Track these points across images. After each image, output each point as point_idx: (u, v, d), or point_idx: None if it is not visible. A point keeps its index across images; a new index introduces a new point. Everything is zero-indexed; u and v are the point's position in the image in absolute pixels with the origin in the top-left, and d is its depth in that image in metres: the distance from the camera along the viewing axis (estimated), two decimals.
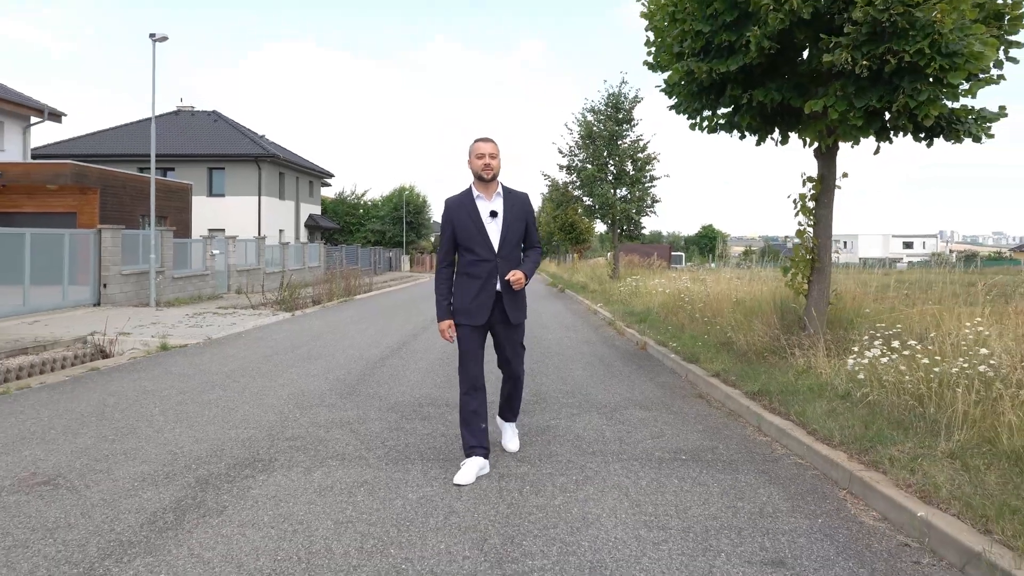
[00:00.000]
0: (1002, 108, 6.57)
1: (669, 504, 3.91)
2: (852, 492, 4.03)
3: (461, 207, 4.36)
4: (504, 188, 4.43)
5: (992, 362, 4.67)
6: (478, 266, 4.28)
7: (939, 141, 6.67)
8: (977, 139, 6.47)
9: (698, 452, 4.94)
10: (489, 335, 4.50)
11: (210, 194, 33.58)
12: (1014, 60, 6.46)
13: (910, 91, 5.80)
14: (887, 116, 6.43)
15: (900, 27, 5.62)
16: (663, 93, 8.45)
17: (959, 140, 6.51)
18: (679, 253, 60.84)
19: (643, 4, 8.06)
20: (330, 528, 3.56)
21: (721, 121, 8.02)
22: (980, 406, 4.30)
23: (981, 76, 6.09)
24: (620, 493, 4.08)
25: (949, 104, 6.25)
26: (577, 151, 24.83)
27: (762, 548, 3.33)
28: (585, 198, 25.23)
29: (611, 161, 23.97)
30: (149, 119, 36.48)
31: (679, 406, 6.45)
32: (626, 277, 20.79)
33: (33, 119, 24.19)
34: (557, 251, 53.50)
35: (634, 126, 23.99)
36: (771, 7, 6.16)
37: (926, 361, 4.90)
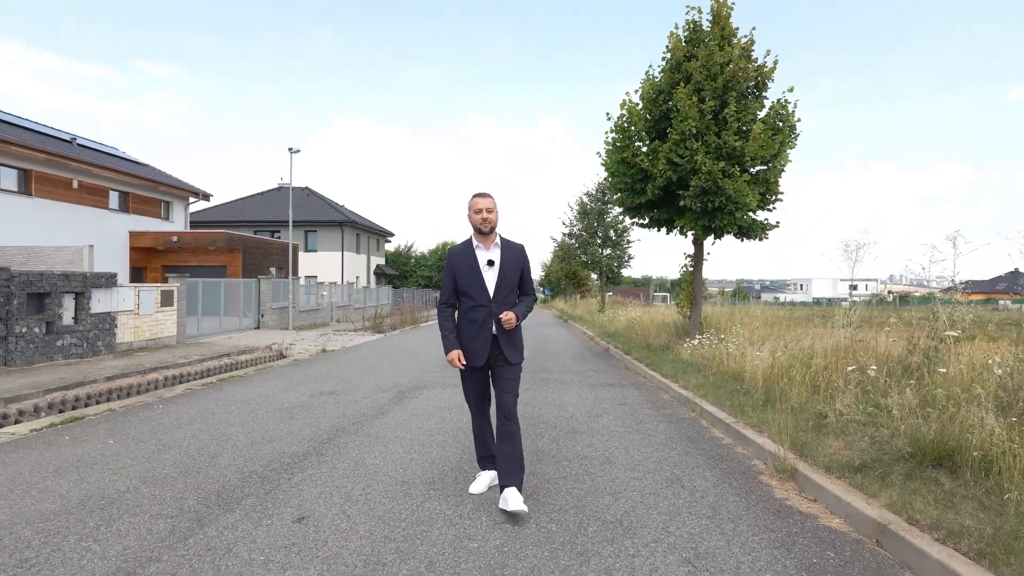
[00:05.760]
0: (778, 222, 11.11)
1: (590, 396, 8.37)
2: (665, 391, 8.47)
3: (462, 256, 4.15)
4: (503, 239, 4.20)
5: (737, 342, 9.10)
6: (475, 311, 4.09)
7: (746, 240, 11.18)
8: (761, 239, 10.98)
9: (612, 384, 9.39)
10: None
11: (305, 250, 38.59)
12: (780, 200, 11.00)
13: (720, 219, 10.33)
14: (715, 228, 10.95)
15: (713, 189, 10.17)
16: (616, 205, 13.06)
17: (752, 239, 11.02)
18: (664, 294, 65.25)
19: (602, 160, 12.69)
20: (458, 401, 8.04)
21: (644, 222, 12.56)
22: (728, 361, 8.73)
23: (755, 212, 10.62)
24: (574, 393, 8.55)
25: (751, 218, 10.78)
26: (576, 222, 29.62)
27: (618, 401, 7.80)
28: (582, 255, 29.93)
29: (599, 230, 28.66)
30: (258, 194, 42.23)
31: (613, 371, 10.90)
32: (608, 311, 25.18)
33: (191, 199, 29.39)
34: (564, 293, 58.01)
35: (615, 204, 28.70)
36: (658, 176, 10.76)
37: (713, 344, 9.35)
